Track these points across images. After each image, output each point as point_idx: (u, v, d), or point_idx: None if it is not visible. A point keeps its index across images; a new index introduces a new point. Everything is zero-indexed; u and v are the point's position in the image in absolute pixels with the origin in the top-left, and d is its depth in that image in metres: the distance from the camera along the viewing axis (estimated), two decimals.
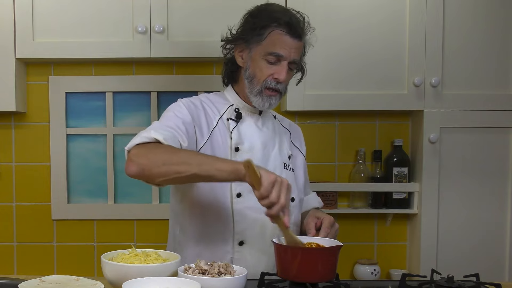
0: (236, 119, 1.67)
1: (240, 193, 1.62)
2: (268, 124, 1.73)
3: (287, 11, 1.64)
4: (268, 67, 1.61)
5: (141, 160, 1.46)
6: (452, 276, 1.43)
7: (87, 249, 2.54)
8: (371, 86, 2.31)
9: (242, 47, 1.66)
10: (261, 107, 1.66)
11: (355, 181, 2.48)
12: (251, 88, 1.64)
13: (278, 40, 1.60)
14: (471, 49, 2.31)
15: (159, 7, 2.28)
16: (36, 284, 1.22)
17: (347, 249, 2.37)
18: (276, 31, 1.60)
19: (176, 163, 1.42)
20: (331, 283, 1.39)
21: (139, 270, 1.28)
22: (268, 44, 1.60)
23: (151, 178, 1.47)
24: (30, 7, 2.28)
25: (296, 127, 1.91)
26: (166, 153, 1.46)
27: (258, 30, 1.61)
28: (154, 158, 1.45)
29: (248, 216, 1.62)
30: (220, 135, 1.65)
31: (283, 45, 1.60)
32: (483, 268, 2.00)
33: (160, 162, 1.43)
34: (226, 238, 1.63)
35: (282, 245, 1.39)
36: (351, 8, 2.30)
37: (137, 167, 1.46)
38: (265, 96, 1.63)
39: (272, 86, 1.62)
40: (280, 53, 1.59)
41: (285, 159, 1.73)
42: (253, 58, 1.63)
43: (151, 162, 1.44)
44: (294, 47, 1.61)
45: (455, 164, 2.34)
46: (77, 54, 2.31)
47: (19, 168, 2.53)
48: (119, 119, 2.54)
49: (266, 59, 1.61)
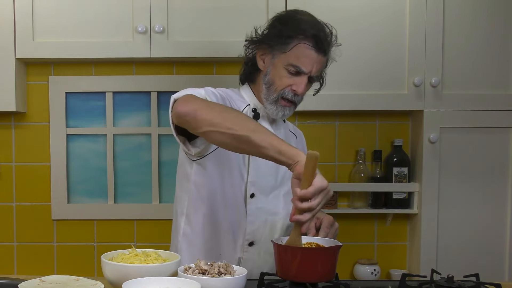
0: (254, 119, 1.65)
1: (253, 193, 1.62)
2: (279, 127, 1.74)
3: (316, 24, 1.60)
4: (288, 77, 1.60)
5: (196, 102, 1.40)
6: (452, 276, 1.43)
7: (87, 249, 2.54)
8: (371, 86, 2.31)
9: (265, 51, 1.64)
10: (274, 116, 1.66)
11: (355, 181, 2.48)
12: (268, 95, 1.63)
13: (302, 54, 1.58)
14: (471, 49, 2.31)
15: (159, 7, 2.28)
16: (36, 284, 1.22)
17: (347, 249, 2.37)
18: (302, 44, 1.57)
19: (231, 119, 1.35)
20: (331, 283, 1.39)
21: (139, 270, 1.28)
22: (291, 55, 1.58)
23: (199, 123, 1.38)
24: (30, 7, 2.28)
25: (299, 131, 1.91)
26: (223, 107, 1.41)
27: (284, 39, 1.58)
28: (210, 105, 1.39)
29: (260, 217, 1.63)
30: None
31: (307, 60, 1.58)
32: (483, 268, 2.00)
33: (215, 111, 1.37)
34: (237, 237, 1.64)
35: (281, 245, 1.39)
36: (351, 9, 2.29)
37: (191, 106, 1.39)
38: (280, 106, 1.62)
39: (289, 97, 1.62)
40: (303, 68, 1.58)
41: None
42: (274, 65, 1.61)
43: (206, 107, 1.38)
44: (317, 62, 1.60)
45: (455, 164, 2.34)
46: (77, 54, 2.31)
47: (19, 168, 2.53)
48: (119, 119, 2.54)
49: (287, 69, 1.59)
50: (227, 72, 2.49)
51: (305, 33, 1.57)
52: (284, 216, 1.68)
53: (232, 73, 2.34)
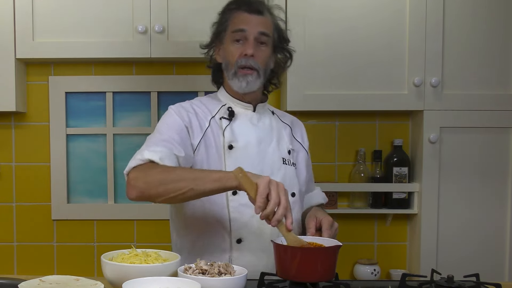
0: (229, 118, 1.68)
1: (236, 191, 1.61)
2: (264, 120, 1.73)
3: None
4: (236, 47, 1.66)
5: (139, 184, 1.49)
6: (452, 276, 1.43)
7: (87, 249, 2.54)
8: (371, 86, 2.31)
9: (217, 45, 1.74)
10: (240, 88, 1.67)
11: (355, 181, 2.48)
12: (228, 73, 1.68)
13: (237, 19, 1.67)
14: (471, 49, 2.31)
15: (159, 7, 2.28)
16: (36, 284, 1.22)
17: (347, 249, 2.37)
18: (235, 12, 1.68)
19: (172, 182, 1.45)
20: (331, 283, 1.39)
21: (139, 270, 1.28)
22: (231, 26, 1.67)
23: (152, 199, 1.51)
24: (30, 7, 2.28)
25: (299, 122, 1.90)
26: (161, 173, 1.49)
27: (222, 21, 1.70)
28: (151, 180, 1.48)
29: (245, 213, 1.62)
30: (213, 135, 1.66)
31: (242, 21, 1.66)
32: (483, 268, 2.00)
33: (157, 183, 1.47)
34: (224, 236, 1.63)
35: (281, 245, 1.38)
36: (351, 8, 2.30)
37: (137, 191, 1.50)
38: (240, 75, 1.65)
39: (243, 63, 1.64)
40: (241, 27, 1.65)
41: (284, 154, 1.72)
42: (225, 48, 1.69)
43: (149, 185, 1.48)
44: (254, 21, 1.66)
45: (455, 164, 2.34)
46: (77, 54, 2.31)
47: (19, 168, 2.53)
48: (119, 119, 2.54)
49: (233, 40, 1.66)
50: None
51: (234, 3, 1.69)
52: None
53: None
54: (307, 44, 2.28)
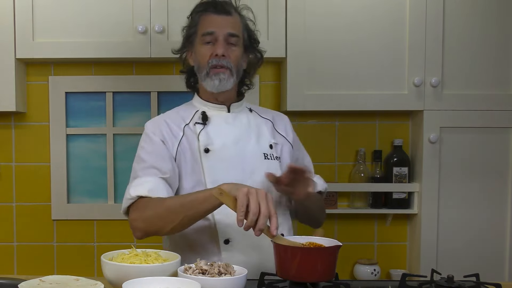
0: (202, 122, 1.69)
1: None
2: (241, 118, 1.73)
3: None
4: (207, 49, 1.67)
5: (139, 224, 1.56)
6: (452, 276, 1.43)
7: (87, 249, 2.54)
8: (371, 86, 2.31)
9: (189, 48, 1.75)
10: (213, 87, 1.67)
11: (355, 181, 2.48)
12: (200, 75, 1.69)
13: (205, 21, 1.68)
14: (471, 49, 2.31)
15: (159, 7, 2.28)
16: (36, 284, 1.22)
17: (347, 249, 2.37)
18: (203, 15, 1.69)
19: (166, 215, 1.51)
20: (331, 283, 1.39)
21: (139, 270, 1.28)
22: (200, 29, 1.69)
23: (158, 234, 1.58)
24: (30, 7, 2.28)
25: (282, 116, 1.88)
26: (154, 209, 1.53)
27: (192, 24, 1.72)
28: (147, 218, 1.54)
29: (230, 214, 1.58)
30: (188, 142, 1.67)
31: (210, 23, 1.67)
32: (483, 268, 2.00)
33: (154, 219, 1.53)
34: (211, 238, 1.63)
35: (281, 245, 1.38)
36: (351, 8, 2.29)
37: (140, 231, 1.57)
38: (213, 74, 1.65)
39: (215, 63, 1.65)
40: (210, 29, 1.66)
41: (265, 149, 1.71)
42: (196, 51, 1.70)
43: (147, 223, 1.55)
44: (222, 22, 1.67)
45: (455, 164, 2.34)
46: (77, 54, 2.31)
47: (19, 168, 2.53)
48: (119, 119, 2.54)
49: (203, 43, 1.67)
50: None
51: (202, 5, 1.72)
52: None
53: None
54: (307, 44, 2.28)
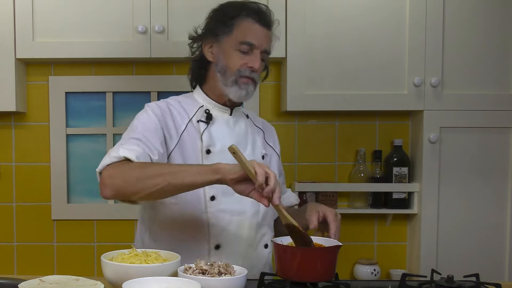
0: (206, 121, 1.64)
1: (213, 196, 1.59)
2: (240, 123, 1.71)
3: (252, 2, 1.64)
4: (241, 57, 1.60)
5: (115, 181, 1.44)
6: (452, 276, 1.43)
7: (87, 249, 2.54)
8: (371, 86, 2.31)
9: (211, 42, 1.65)
10: (238, 97, 1.63)
11: (355, 181, 2.48)
12: (225, 80, 1.62)
13: (248, 29, 1.60)
14: (471, 49, 2.31)
15: (159, 7, 2.28)
16: (36, 284, 1.22)
17: (347, 249, 2.37)
18: (245, 20, 1.60)
19: (150, 177, 1.40)
20: (331, 283, 1.39)
21: (139, 270, 1.28)
22: (238, 34, 1.60)
23: (128, 197, 1.45)
24: (30, 7, 2.28)
25: (270, 126, 1.87)
26: (138, 169, 1.43)
27: (228, 22, 1.61)
28: (127, 176, 1.43)
29: (223, 218, 1.60)
30: (189, 139, 1.62)
31: (254, 34, 1.60)
32: (483, 268, 2.00)
33: (134, 180, 1.42)
34: (202, 243, 1.60)
35: (281, 245, 1.39)
36: (351, 8, 2.29)
37: (112, 188, 1.45)
38: (242, 84, 1.60)
39: (246, 74, 1.60)
40: (252, 41, 1.59)
41: (258, 159, 1.70)
42: (224, 51, 1.62)
43: (125, 182, 1.43)
44: (264, 36, 1.61)
45: (455, 164, 2.34)
46: (77, 54, 2.31)
47: (19, 168, 2.53)
48: (119, 119, 2.54)
49: (238, 49, 1.60)
50: None
51: (246, 8, 1.61)
52: (252, 215, 1.64)
53: None
54: (307, 44, 2.28)
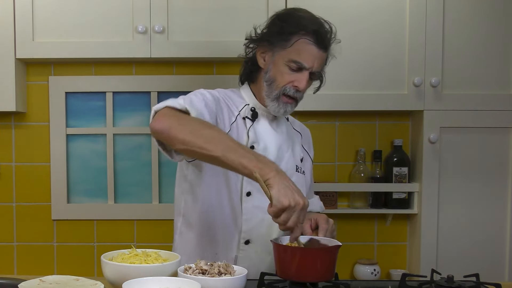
0: (252, 118, 1.66)
1: (250, 191, 1.61)
2: (282, 126, 1.73)
3: (316, 20, 1.61)
4: (289, 73, 1.59)
5: (171, 120, 1.41)
6: (452, 276, 1.43)
7: (87, 249, 2.54)
8: (371, 86, 2.31)
9: (265, 49, 1.64)
10: (276, 113, 1.65)
11: (355, 181, 2.48)
12: (269, 92, 1.62)
13: (303, 49, 1.58)
14: (471, 49, 2.31)
15: (159, 7, 2.28)
16: (36, 284, 1.22)
17: (347, 249, 2.37)
18: (303, 39, 1.57)
19: (204, 138, 1.36)
20: (331, 283, 1.39)
21: (139, 270, 1.28)
22: (293, 51, 1.58)
23: (173, 141, 1.40)
24: (30, 7, 2.28)
25: (306, 130, 1.89)
26: (197, 123, 1.41)
27: (285, 36, 1.58)
28: (185, 122, 1.40)
29: (256, 215, 1.62)
30: (237, 132, 1.63)
31: (308, 55, 1.58)
32: (483, 268, 2.00)
33: (188, 129, 1.38)
34: (233, 236, 1.63)
35: (281, 245, 1.39)
36: (351, 9, 2.30)
37: (165, 124, 1.40)
38: (282, 102, 1.62)
39: (290, 94, 1.60)
40: (304, 63, 1.58)
41: (298, 161, 1.73)
42: (275, 62, 1.61)
43: (180, 125, 1.39)
44: (318, 58, 1.59)
45: (455, 164, 2.34)
46: (77, 54, 2.31)
47: (19, 168, 2.53)
48: (119, 119, 2.54)
49: (288, 66, 1.59)
50: (227, 72, 2.49)
51: (306, 28, 1.57)
52: None
53: (232, 73, 2.34)
54: None
